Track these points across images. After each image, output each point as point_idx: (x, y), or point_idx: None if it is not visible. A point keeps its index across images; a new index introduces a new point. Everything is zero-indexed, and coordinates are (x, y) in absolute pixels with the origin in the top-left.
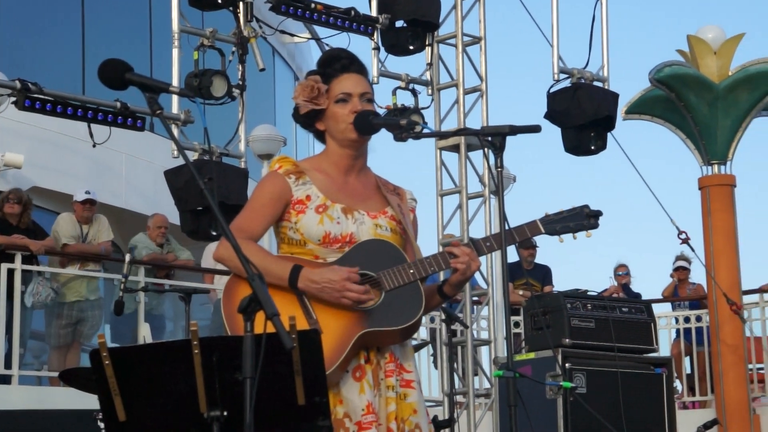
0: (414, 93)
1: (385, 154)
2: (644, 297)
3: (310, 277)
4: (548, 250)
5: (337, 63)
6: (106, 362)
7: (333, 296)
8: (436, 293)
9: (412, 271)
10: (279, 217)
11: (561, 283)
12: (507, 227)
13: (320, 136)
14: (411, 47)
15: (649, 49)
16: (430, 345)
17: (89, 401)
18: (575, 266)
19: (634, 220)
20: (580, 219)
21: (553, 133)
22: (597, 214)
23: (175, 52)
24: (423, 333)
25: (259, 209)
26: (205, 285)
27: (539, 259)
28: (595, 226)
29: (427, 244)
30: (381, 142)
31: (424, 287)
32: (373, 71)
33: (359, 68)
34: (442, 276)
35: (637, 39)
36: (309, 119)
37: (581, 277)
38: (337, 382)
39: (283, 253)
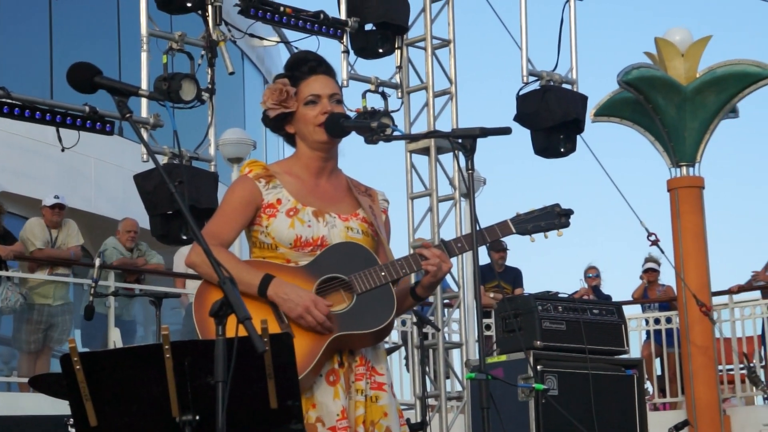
0: (384, 96)
1: (355, 156)
2: (614, 299)
3: (280, 286)
4: (519, 252)
5: (304, 65)
6: (77, 367)
7: (295, 311)
8: (408, 295)
9: (383, 273)
10: (250, 221)
11: (531, 285)
12: (478, 229)
13: (290, 139)
14: (380, 50)
15: (618, 51)
16: (402, 348)
17: (60, 407)
18: (545, 269)
19: (604, 223)
20: (552, 218)
21: (522, 136)
22: (568, 212)
23: (143, 55)
24: (395, 336)
25: (230, 214)
26: (176, 289)
27: (510, 262)
28: (567, 224)
29: (398, 247)
30: (351, 145)
31: (396, 289)
32: (343, 74)
33: (327, 70)
34: (413, 278)
35: (605, 41)
36: (278, 122)
37: (552, 280)
38: (311, 387)
39: (255, 257)
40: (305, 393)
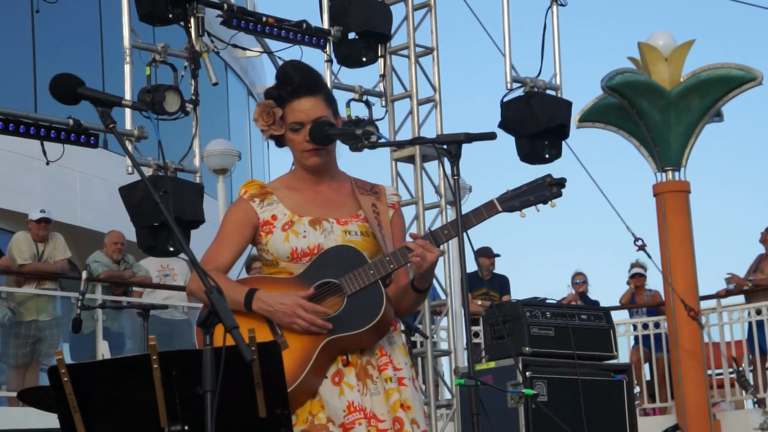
0: (368, 105)
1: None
2: (602, 304)
3: (263, 299)
4: (506, 260)
5: (288, 86)
6: (65, 379)
7: (285, 319)
8: (410, 290)
9: (372, 271)
10: (249, 241)
11: (519, 292)
12: (466, 237)
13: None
14: (364, 59)
15: (601, 56)
16: None
17: (49, 420)
18: (532, 276)
19: (590, 228)
20: (542, 189)
21: (507, 143)
22: (560, 182)
23: (127, 67)
24: None
25: (226, 237)
26: (164, 302)
27: (497, 269)
28: (559, 194)
29: None
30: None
31: (394, 286)
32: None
33: (310, 89)
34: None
35: (588, 47)
36: (277, 139)
37: (538, 287)
38: (317, 389)
39: (263, 275)
40: (312, 396)
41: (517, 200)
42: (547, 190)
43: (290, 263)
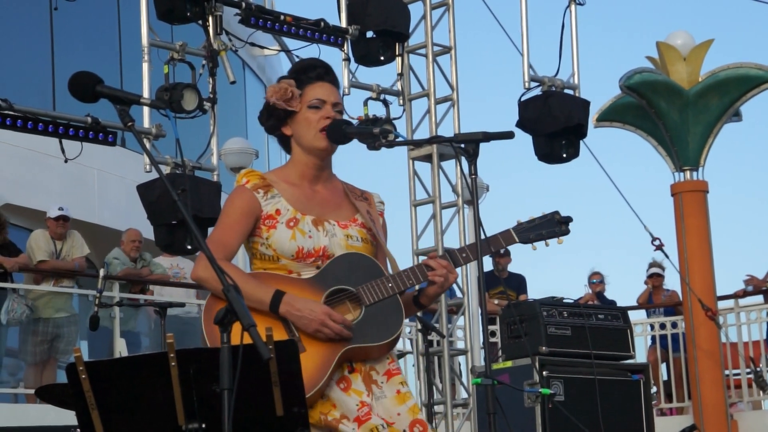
0: (385, 103)
1: (357, 164)
2: (619, 304)
3: (291, 303)
4: (522, 259)
5: (312, 71)
6: (83, 376)
7: (311, 327)
8: (412, 303)
9: (390, 285)
10: (250, 232)
11: (535, 291)
12: (483, 235)
13: (285, 142)
14: (381, 58)
15: (619, 56)
16: (410, 355)
17: (66, 417)
18: (550, 275)
19: (608, 228)
20: (552, 226)
21: (524, 142)
22: (567, 220)
23: (145, 66)
24: (401, 344)
25: (233, 225)
26: (181, 299)
27: (514, 268)
28: (567, 232)
29: (402, 255)
30: (353, 152)
31: (402, 299)
32: (344, 82)
33: (333, 79)
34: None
35: (607, 46)
36: (277, 122)
37: (555, 286)
38: (324, 391)
39: (256, 269)
40: (322, 397)
41: (531, 233)
42: (557, 227)
43: (292, 261)
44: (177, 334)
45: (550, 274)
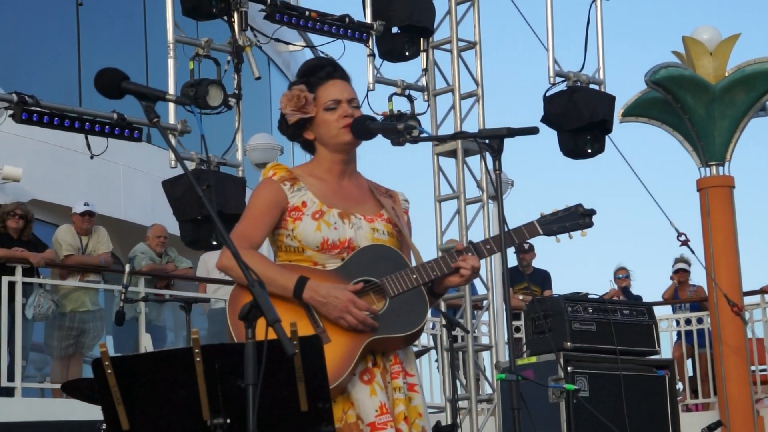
0: (410, 99)
1: (381, 160)
2: (644, 300)
3: (316, 289)
4: (547, 254)
5: (321, 71)
6: (109, 371)
7: (334, 314)
8: (429, 295)
9: (415, 276)
10: (276, 224)
11: (560, 287)
12: (507, 230)
13: (308, 146)
14: (406, 53)
15: (645, 50)
16: (434, 350)
17: (92, 412)
18: (574, 270)
19: (633, 223)
20: (576, 218)
21: (549, 137)
22: (591, 212)
23: (170, 62)
24: (425, 339)
25: (259, 217)
26: (206, 295)
27: (538, 264)
28: (590, 224)
29: (426, 250)
30: (377, 148)
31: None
32: (369, 78)
33: (343, 74)
34: None
35: (632, 41)
36: (297, 129)
37: (580, 281)
38: (346, 386)
39: (281, 261)
40: (342, 393)
41: (555, 225)
42: (581, 219)
43: (318, 253)
44: (220, 327)
45: (574, 269)
